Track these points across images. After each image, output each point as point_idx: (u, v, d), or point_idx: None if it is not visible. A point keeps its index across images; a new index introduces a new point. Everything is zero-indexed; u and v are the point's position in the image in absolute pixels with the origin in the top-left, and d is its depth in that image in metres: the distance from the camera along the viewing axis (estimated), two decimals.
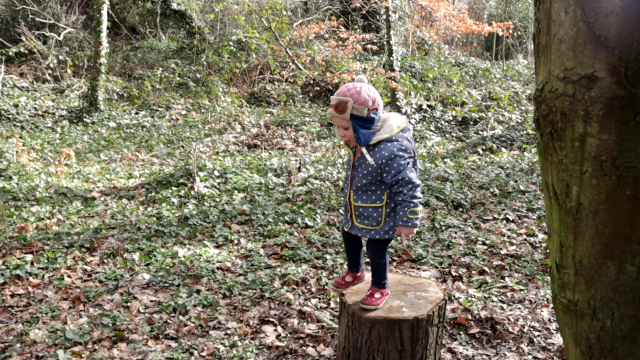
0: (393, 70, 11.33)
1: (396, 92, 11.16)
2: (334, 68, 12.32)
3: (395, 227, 3.06)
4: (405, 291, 3.52)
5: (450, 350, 3.71)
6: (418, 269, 4.97)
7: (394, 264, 5.05)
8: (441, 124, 11.30)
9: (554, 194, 1.87)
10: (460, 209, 6.49)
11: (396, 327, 3.23)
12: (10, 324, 3.93)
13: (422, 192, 6.82)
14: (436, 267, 4.99)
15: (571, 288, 1.89)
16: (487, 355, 3.69)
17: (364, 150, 3.00)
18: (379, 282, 3.30)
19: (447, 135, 10.75)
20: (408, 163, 2.95)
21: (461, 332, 3.92)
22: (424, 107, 11.63)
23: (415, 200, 2.93)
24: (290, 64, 13.36)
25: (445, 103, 12.26)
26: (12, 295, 4.30)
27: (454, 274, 4.88)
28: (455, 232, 5.80)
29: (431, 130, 10.91)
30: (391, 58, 11.49)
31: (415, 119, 11.20)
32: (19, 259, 4.80)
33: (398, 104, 11.16)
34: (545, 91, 1.79)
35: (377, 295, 3.32)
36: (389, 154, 2.89)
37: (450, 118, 11.55)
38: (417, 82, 12.48)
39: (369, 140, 2.93)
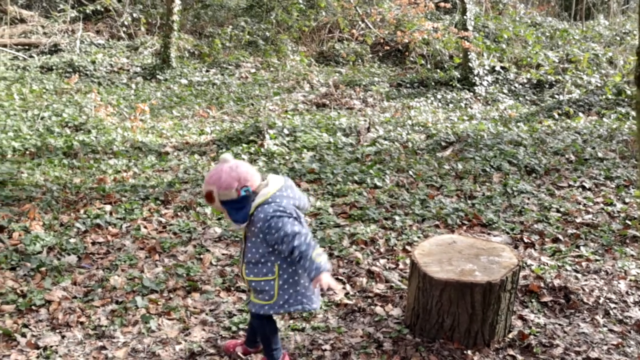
0: (466, 29, 10.95)
1: (469, 53, 10.82)
2: (404, 27, 12.02)
3: (290, 300, 2.89)
4: (478, 255, 3.46)
5: (521, 318, 3.65)
6: (488, 233, 4.89)
7: (464, 227, 4.98)
8: (514, 87, 10.91)
9: None
10: (534, 175, 6.29)
11: (468, 290, 3.20)
12: (92, 270, 4.13)
13: (494, 156, 6.65)
14: (507, 233, 4.89)
15: None
16: (559, 324, 3.61)
17: (244, 228, 2.88)
18: (267, 353, 3.14)
19: (520, 99, 10.38)
20: (290, 218, 2.75)
21: (533, 300, 3.85)
22: (497, 68, 11.24)
23: (312, 244, 2.72)
24: (360, 22, 13.14)
25: (519, 65, 11.80)
26: (93, 243, 4.51)
27: (526, 240, 4.77)
28: (528, 198, 5.64)
29: (504, 93, 10.56)
30: (464, 17, 11.10)
31: (487, 80, 10.86)
32: (98, 208, 5.01)
33: (470, 64, 10.82)
34: None
35: None
36: (264, 216, 2.74)
37: (525, 81, 11.13)
38: (490, 43, 12.04)
39: (246, 218, 2.80)
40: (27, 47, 11.70)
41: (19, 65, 10.38)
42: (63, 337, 3.38)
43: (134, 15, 12.93)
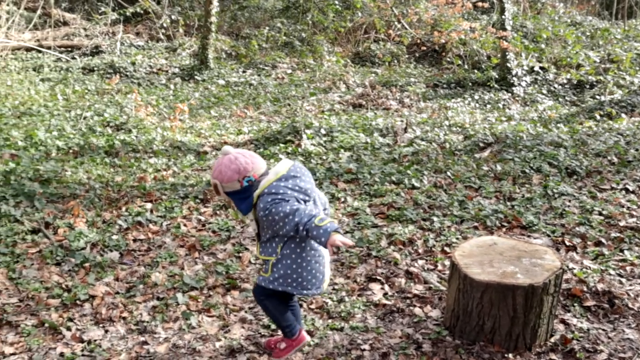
0: (504, 29, 10.80)
1: (507, 53, 10.67)
2: (441, 27, 11.93)
3: (280, 280, 2.94)
4: (520, 257, 3.42)
5: (563, 322, 3.59)
6: (528, 236, 4.81)
7: (503, 229, 4.91)
8: (554, 87, 10.72)
9: None
10: (575, 177, 6.17)
11: (509, 292, 3.16)
12: (134, 266, 4.21)
13: (534, 158, 6.55)
14: (548, 236, 4.80)
15: None
16: (603, 329, 3.53)
17: (249, 217, 2.98)
18: (282, 331, 3.19)
19: (560, 99, 10.20)
20: (287, 201, 2.74)
21: (575, 304, 3.77)
22: (536, 69, 11.06)
23: (313, 214, 2.70)
24: (396, 23, 13.09)
25: (558, 65, 11.59)
26: (135, 240, 4.59)
27: (567, 243, 4.68)
28: (569, 201, 5.53)
29: (543, 94, 10.39)
30: (503, 16, 10.96)
31: (526, 81, 10.70)
32: (139, 206, 5.10)
33: (508, 65, 10.68)
34: None
35: (281, 345, 3.22)
36: (263, 206, 2.77)
37: (564, 81, 10.93)
38: (528, 43, 11.85)
39: (251, 207, 2.88)
40: (69, 49, 11.99)
41: (62, 67, 10.64)
42: (106, 331, 3.45)
43: (173, 17, 13.12)
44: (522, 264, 3.34)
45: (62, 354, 3.22)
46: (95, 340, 3.35)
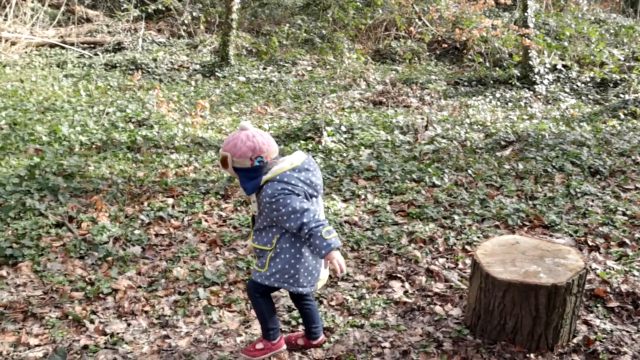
0: (527, 26, 10.68)
1: (529, 51, 10.56)
2: (462, 24, 11.84)
3: (277, 275, 2.90)
4: (543, 256, 3.39)
5: (586, 322, 3.55)
6: (550, 235, 4.77)
7: (525, 228, 4.87)
8: (577, 86, 10.58)
9: None
10: (598, 176, 6.10)
11: (532, 292, 3.13)
12: (155, 261, 4.25)
13: (556, 156, 6.49)
14: (570, 235, 4.76)
15: None
16: (627, 331, 3.49)
17: (252, 198, 2.89)
18: (263, 332, 3.16)
19: (583, 98, 10.07)
20: (298, 195, 2.73)
21: (598, 305, 3.73)
22: (559, 67, 10.93)
23: (322, 222, 2.69)
24: (417, 20, 13.02)
25: (582, 63, 11.44)
26: (156, 235, 4.64)
27: (590, 243, 4.63)
28: (592, 200, 5.47)
29: (565, 92, 10.26)
30: (525, 14, 10.84)
31: (548, 79, 10.58)
32: (161, 201, 5.15)
33: (530, 63, 10.56)
34: None
35: (258, 345, 3.17)
36: (272, 192, 2.72)
37: (588, 79, 10.79)
38: (551, 40, 11.72)
39: (256, 188, 2.81)
40: (92, 45, 12.11)
41: (85, 63, 10.76)
42: (129, 324, 3.49)
43: (194, 14, 13.19)
44: (545, 263, 3.31)
45: (85, 346, 3.26)
46: (117, 333, 3.39)
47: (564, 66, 11.01)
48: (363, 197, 5.41)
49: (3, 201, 4.88)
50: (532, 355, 3.18)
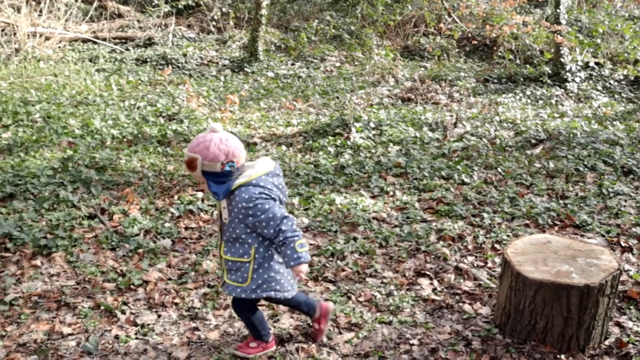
0: (559, 23, 10.51)
1: (561, 48, 10.39)
2: (493, 21, 11.70)
3: (264, 285, 2.84)
4: (575, 256, 3.34)
5: (618, 324, 3.50)
6: (582, 235, 4.70)
7: (556, 228, 4.81)
8: (610, 84, 10.39)
9: None
10: (632, 176, 5.99)
11: (564, 292, 3.10)
12: (185, 254, 4.30)
13: (588, 155, 6.39)
14: (602, 236, 4.68)
15: None
16: None
17: (222, 204, 2.79)
18: (255, 337, 3.12)
19: (616, 96, 9.88)
20: (275, 201, 2.70)
21: (631, 307, 3.67)
22: (591, 64, 10.73)
23: (297, 233, 2.67)
24: (447, 16, 12.91)
25: (615, 61, 11.21)
26: (186, 228, 4.69)
27: (623, 244, 4.55)
28: (625, 200, 5.38)
29: (598, 90, 10.09)
30: (557, 10, 10.66)
31: (580, 77, 10.40)
32: (191, 195, 5.20)
33: (562, 60, 10.40)
34: None
35: (252, 344, 3.14)
36: (249, 197, 2.67)
37: (621, 77, 10.57)
38: (583, 37, 11.51)
39: (227, 193, 2.74)
40: (123, 40, 12.26)
41: (116, 58, 10.90)
42: (159, 316, 3.54)
43: (224, 9, 13.26)
44: (578, 263, 3.27)
45: (117, 337, 3.32)
46: (148, 325, 3.44)
47: (596, 64, 10.81)
48: (391, 193, 5.39)
49: (38, 192, 4.99)
50: (562, 357, 3.14)
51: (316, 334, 3.27)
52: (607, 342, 3.30)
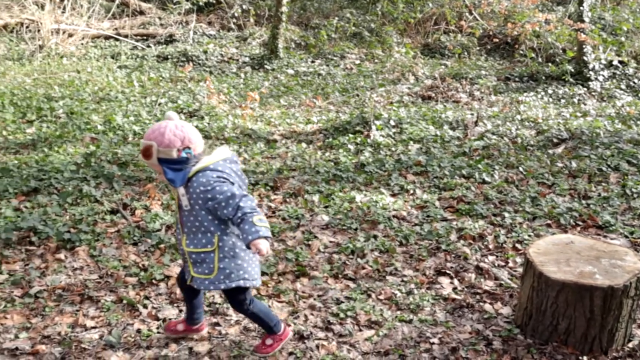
0: (582, 21, 10.39)
1: (584, 46, 10.27)
2: (514, 19, 11.60)
3: (232, 275, 2.80)
4: (599, 257, 3.31)
5: None
6: (605, 236, 4.65)
7: (578, 228, 4.76)
8: (634, 82, 10.25)
9: None
10: None
11: (587, 293, 3.07)
12: None
13: (611, 155, 6.31)
14: (626, 237, 4.63)
15: None
16: None
17: (180, 191, 2.73)
18: (267, 329, 3.10)
19: None
20: (233, 184, 2.66)
21: None
22: (615, 63, 10.60)
23: (257, 210, 2.64)
24: (468, 14, 12.82)
25: (639, 59, 11.07)
26: None
27: None
28: None
29: (621, 89, 9.96)
30: (581, 7, 10.54)
31: (603, 75, 10.27)
32: None
33: (585, 58, 10.27)
34: None
35: (268, 341, 3.11)
36: (207, 180, 2.64)
37: None
38: (607, 36, 11.36)
39: (184, 180, 2.69)
40: (145, 37, 12.36)
41: (138, 55, 11.00)
42: (180, 311, 3.57)
43: (244, 7, 13.31)
44: (601, 264, 3.24)
45: (139, 330, 3.35)
46: (170, 319, 3.47)
47: (620, 62, 10.67)
48: (412, 192, 5.38)
49: (61, 187, 5.06)
50: (584, 358, 3.12)
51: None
52: (630, 345, 3.26)
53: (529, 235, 4.57)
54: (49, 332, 3.30)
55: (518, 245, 4.45)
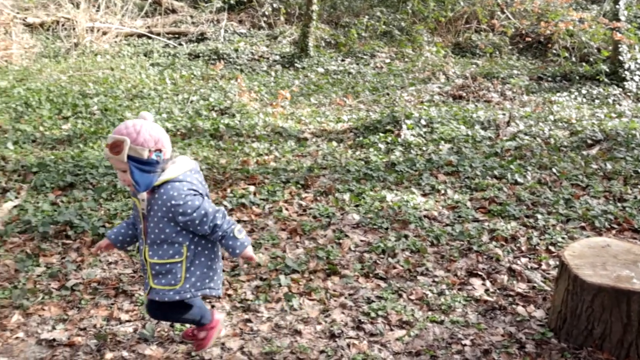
0: (618, 20, 10.19)
1: (619, 45, 10.07)
2: (548, 17, 11.43)
3: (198, 284, 2.72)
4: (636, 261, 3.25)
5: None
6: None
7: (613, 231, 4.68)
8: None
9: None
10: None
11: (624, 298, 3.02)
12: None
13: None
14: None
15: None
16: None
17: (141, 196, 2.64)
18: (195, 324, 3.00)
19: None
20: (203, 197, 2.63)
21: None
22: None
23: (232, 222, 2.65)
24: (500, 12, 12.68)
25: None
26: (238, 221, 4.75)
27: None
28: None
29: None
30: (617, 6, 10.33)
31: (638, 75, 10.06)
32: (243, 189, 5.27)
33: (620, 58, 10.07)
34: None
35: (201, 334, 3.03)
36: (178, 194, 2.56)
37: None
38: None
39: (150, 185, 2.58)
40: (177, 35, 12.51)
41: (170, 52, 11.13)
42: (213, 306, 3.61)
43: (274, 5, 13.37)
44: (639, 268, 3.18)
45: (172, 325, 3.39)
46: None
47: None
48: (443, 192, 5.34)
49: (96, 182, 5.15)
50: None
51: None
52: None
53: (563, 238, 4.50)
54: (84, 325, 3.37)
55: (551, 248, 4.39)
